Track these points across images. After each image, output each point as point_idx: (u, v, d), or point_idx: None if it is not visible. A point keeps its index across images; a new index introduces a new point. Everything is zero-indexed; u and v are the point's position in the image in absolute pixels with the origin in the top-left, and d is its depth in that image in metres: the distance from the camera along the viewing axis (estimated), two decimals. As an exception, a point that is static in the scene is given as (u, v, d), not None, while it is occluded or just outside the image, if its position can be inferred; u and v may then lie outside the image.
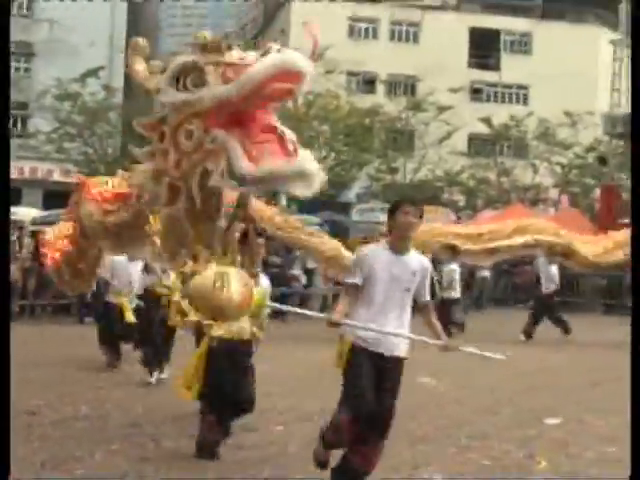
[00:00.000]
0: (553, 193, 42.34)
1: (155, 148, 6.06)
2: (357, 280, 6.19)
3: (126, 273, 12.28)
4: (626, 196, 39.60)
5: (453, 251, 18.21)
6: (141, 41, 6.52)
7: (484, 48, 51.44)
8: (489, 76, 51.96)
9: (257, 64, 5.44)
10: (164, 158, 5.94)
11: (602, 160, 37.13)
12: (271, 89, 5.47)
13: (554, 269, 19.47)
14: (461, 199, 42.44)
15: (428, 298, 6.43)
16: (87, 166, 35.31)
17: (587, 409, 9.98)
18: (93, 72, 36.76)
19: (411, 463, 7.19)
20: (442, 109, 40.62)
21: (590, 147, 41.53)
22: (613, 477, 6.99)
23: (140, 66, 6.25)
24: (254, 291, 6.78)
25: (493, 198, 41.83)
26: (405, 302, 6.26)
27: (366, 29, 49.83)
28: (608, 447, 7.96)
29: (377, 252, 6.30)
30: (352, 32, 49.27)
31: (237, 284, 6.47)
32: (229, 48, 5.80)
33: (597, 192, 38.70)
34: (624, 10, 39.42)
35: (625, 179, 41.07)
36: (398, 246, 6.26)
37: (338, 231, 24.14)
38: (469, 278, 25.51)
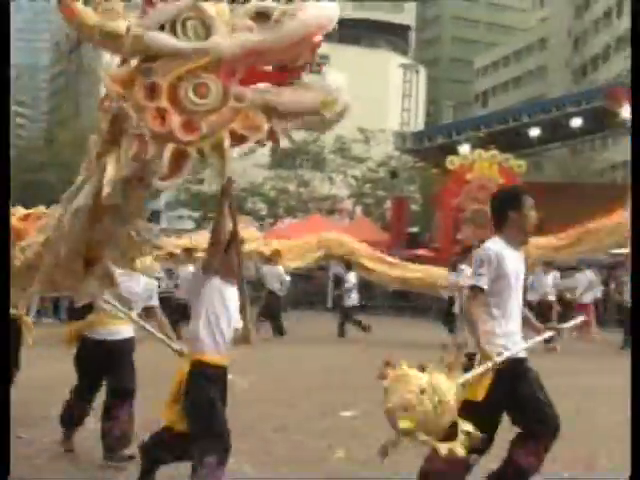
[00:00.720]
0: (348, 204, 43.35)
1: (141, 106, 4.52)
2: (485, 284, 5.26)
3: None
4: (414, 207, 41.05)
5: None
6: None
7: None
8: (290, 94, 52.72)
9: (308, 10, 4.48)
10: (160, 119, 4.49)
11: (393, 174, 38.19)
12: (318, 39, 4.65)
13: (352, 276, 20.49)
14: (263, 208, 42.79)
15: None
16: None
17: (378, 403, 10.23)
18: None
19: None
20: (247, 124, 40.87)
21: (382, 162, 42.75)
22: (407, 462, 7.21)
23: (80, 5, 4.74)
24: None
25: (293, 208, 42.40)
26: (521, 300, 5.54)
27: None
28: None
29: (501, 249, 5.38)
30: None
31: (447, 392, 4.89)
32: None
33: (388, 203, 39.91)
34: (413, 37, 40.73)
35: (413, 191, 42.53)
36: (520, 241, 5.53)
37: (147, 238, 23.89)
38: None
